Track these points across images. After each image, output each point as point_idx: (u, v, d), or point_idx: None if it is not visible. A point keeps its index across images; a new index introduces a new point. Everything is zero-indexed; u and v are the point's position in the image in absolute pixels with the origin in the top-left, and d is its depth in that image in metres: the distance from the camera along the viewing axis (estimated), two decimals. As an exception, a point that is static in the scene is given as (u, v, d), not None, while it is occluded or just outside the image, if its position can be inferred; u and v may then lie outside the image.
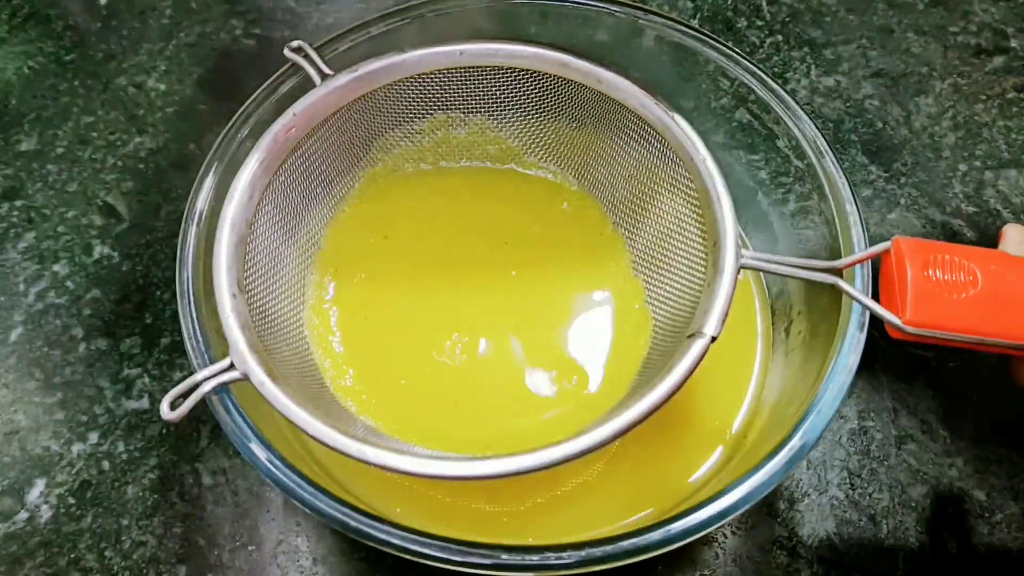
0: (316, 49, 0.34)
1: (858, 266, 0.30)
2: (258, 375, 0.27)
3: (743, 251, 0.29)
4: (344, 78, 0.33)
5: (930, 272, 0.27)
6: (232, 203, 0.30)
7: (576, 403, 0.34)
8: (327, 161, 0.35)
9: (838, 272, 0.29)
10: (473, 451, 0.29)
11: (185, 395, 0.26)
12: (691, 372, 0.27)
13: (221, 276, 0.29)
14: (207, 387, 0.27)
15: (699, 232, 0.31)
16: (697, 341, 0.28)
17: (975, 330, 0.27)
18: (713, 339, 0.28)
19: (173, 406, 0.26)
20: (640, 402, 0.27)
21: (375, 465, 0.26)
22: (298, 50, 0.34)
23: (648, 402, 0.27)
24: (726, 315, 0.28)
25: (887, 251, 0.28)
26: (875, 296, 0.29)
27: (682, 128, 0.31)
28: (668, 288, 0.33)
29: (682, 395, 0.27)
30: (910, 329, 0.27)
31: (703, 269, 0.31)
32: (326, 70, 0.33)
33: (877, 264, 0.29)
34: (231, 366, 0.27)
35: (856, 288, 0.29)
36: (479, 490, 0.34)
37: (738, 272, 0.29)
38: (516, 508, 0.33)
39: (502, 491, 0.34)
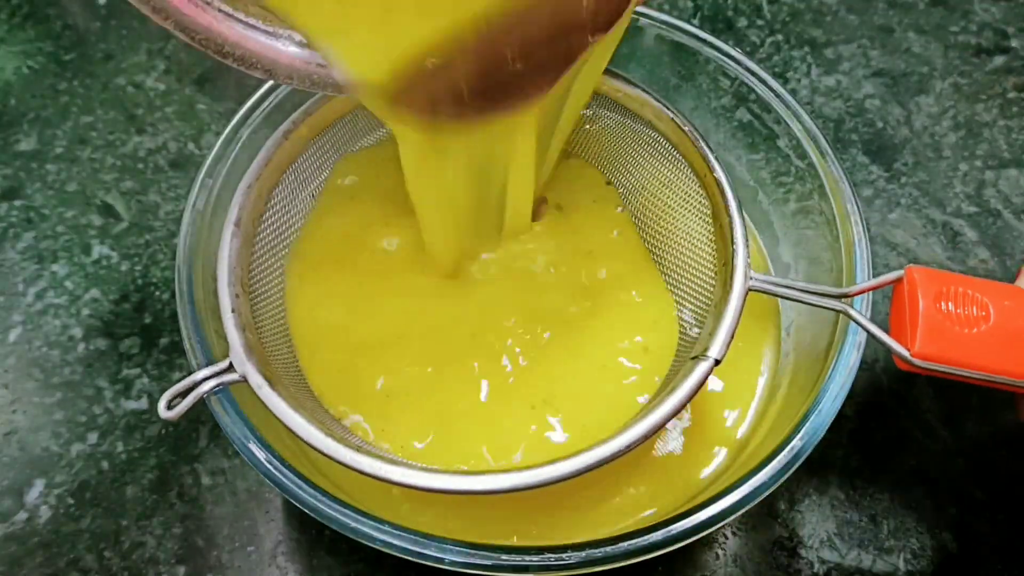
0: None
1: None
2: (256, 378, 0.27)
3: (753, 273, 0.29)
4: None
5: (942, 305, 0.27)
6: (239, 202, 0.30)
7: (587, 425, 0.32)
8: (340, 160, 0.34)
9: (847, 298, 0.28)
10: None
11: (183, 394, 0.26)
12: (693, 395, 0.27)
13: (224, 276, 0.28)
14: (205, 387, 0.26)
15: (710, 251, 0.31)
16: (701, 364, 0.27)
17: (984, 367, 0.26)
18: (717, 362, 0.27)
19: (171, 405, 0.26)
20: (639, 424, 0.26)
21: (368, 475, 0.26)
22: None
23: (647, 424, 0.26)
24: (732, 338, 0.28)
25: (900, 280, 0.28)
26: (884, 324, 0.28)
27: (698, 145, 0.31)
28: (678, 305, 0.33)
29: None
30: (918, 362, 0.26)
31: (711, 289, 0.30)
32: None
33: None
34: (230, 367, 0.27)
35: (858, 310, 0.29)
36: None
37: (746, 295, 0.28)
38: (516, 510, 0.33)
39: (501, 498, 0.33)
